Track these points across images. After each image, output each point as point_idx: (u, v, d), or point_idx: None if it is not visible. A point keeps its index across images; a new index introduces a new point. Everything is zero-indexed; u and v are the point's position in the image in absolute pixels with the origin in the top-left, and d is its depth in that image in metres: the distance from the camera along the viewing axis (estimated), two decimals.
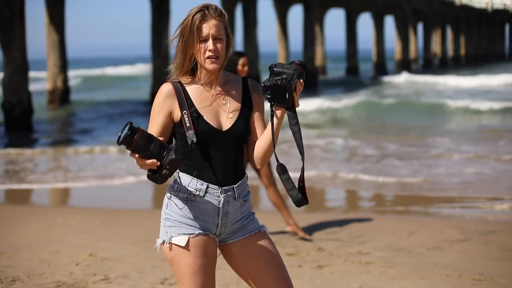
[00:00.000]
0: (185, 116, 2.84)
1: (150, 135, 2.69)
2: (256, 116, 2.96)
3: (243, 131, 2.90)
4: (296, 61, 2.84)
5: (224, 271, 5.22)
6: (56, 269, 5.58)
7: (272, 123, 2.83)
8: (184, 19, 2.87)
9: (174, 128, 2.89)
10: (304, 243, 6.41)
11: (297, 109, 2.83)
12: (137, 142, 2.66)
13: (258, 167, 2.96)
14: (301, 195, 2.85)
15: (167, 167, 2.66)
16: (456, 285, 5.07)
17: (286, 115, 2.84)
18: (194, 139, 2.81)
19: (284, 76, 2.75)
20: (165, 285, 5.14)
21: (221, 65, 2.89)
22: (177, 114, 2.86)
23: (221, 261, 3.14)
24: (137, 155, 2.67)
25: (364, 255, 5.97)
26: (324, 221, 7.33)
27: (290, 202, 6.82)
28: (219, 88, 2.93)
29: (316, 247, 6.28)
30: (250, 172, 7.94)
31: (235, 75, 3.02)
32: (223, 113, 2.89)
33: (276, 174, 6.40)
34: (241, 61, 6.36)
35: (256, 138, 2.95)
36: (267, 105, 3.12)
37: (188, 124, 2.83)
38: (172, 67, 2.94)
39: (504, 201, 8.56)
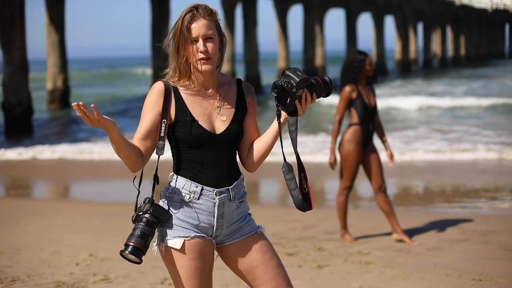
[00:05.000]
0: (163, 125, 2.83)
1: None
2: (249, 119, 2.95)
3: (237, 134, 2.89)
4: (324, 76, 2.85)
5: (224, 271, 5.22)
6: (56, 269, 5.57)
7: (279, 122, 2.85)
8: (176, 21, 2.85)
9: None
10: (304, 243, 6.41)
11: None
12: None
13: (251, 170, 2.96)
14: (306, 200, 2.84)
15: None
16: (456, 285, 5.06)
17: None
18: (161, 152, 2.83)
19: (290, 81, 2.76)
20: (165, 285, 5.13)
21: (214, 65, 2.86)
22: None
23: (221, 261, 3.14)
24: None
25: (364, 255, 5.97)
26: (324, 221, 7.33)
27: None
28: (214, 90, 2.91)
29: (316, 247, 6.27)
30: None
31: (230, 77, 2.99)
32: (217, 116, 2.88)
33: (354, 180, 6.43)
34: (368, 61, 6.36)
35: (249, 142, 2.95)
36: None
37: (162, 134, 2.83)
38: (169, 70, 2.91)
39: (504, 201, 8.56)
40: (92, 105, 2.65)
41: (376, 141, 11.83)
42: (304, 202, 2.83)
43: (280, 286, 2.91)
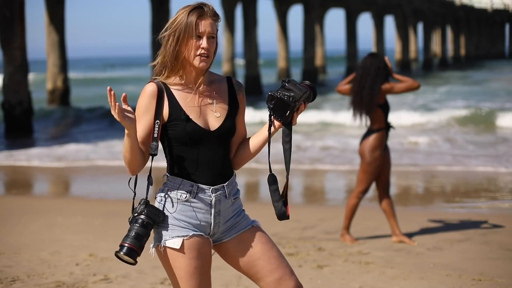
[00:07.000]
0: (156, 126, 2.83)
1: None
2: (240, 116, 2.98)
3: (231, 130, 2.91)
4: (307, 82, 2.88)
5: (224, 271, 5.22)
6: (56, 269, 5.57)
7: (270, 132, 2.86)
8: (176, 16, 2.84)
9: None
10: (304, 243, 6.41)
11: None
12: None
13: (236, 168, 2.98)
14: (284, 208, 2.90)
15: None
16: (456, 285, 5.06)
17: (281, 129, 2.88)
18: (155, 153, 2.83)
19: (292, 94, 2.79)
20: (165, 285, 5.14)
21: (209, 64, 2.88)
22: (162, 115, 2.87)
23: (221, 260, 3.14)
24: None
25: (364, 255, 5.97)
26: (324, 221, 7.33)
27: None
28: (205, 88, 2.92)
29: (316, 247, 6.27)
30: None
31: (219, 75, 3.01)
32: (210, 113, 2.89)
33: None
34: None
35: (238, 138, 2.98)
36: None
37: (155, 135, 2.83)
38: (156, 65, 2.90)
39: (504, 201, 8.57)
40: (123, 94, 2.71)
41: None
42: (285, 213, 2.89)
43: (285, 275, 2.93)
